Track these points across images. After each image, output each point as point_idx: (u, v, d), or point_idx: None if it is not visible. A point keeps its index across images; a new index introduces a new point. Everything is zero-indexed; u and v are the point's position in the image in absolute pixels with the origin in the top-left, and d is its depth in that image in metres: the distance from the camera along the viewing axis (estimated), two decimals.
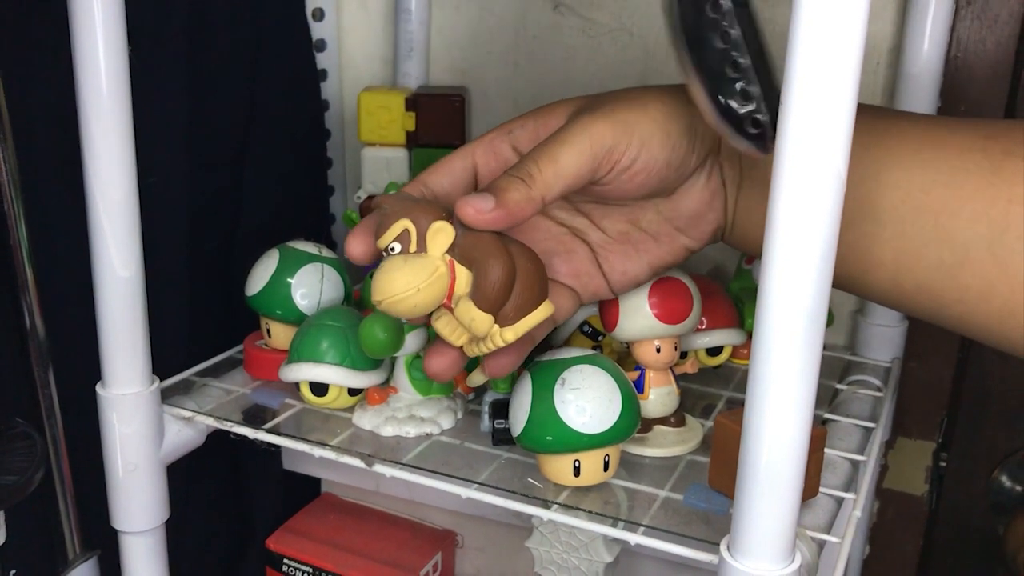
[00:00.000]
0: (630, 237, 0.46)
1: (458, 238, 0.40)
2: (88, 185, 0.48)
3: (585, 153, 0.40)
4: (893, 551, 0.76)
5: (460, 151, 0.45)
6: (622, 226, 0.46)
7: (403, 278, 0.39)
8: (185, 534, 0.64)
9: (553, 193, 0.40)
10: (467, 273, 0.40)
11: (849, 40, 0.30)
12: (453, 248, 0.40)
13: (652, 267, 0.47)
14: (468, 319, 0.40)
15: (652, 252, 0.46)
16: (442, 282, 0.39)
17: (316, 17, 0.77)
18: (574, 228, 0.47)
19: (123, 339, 0.51)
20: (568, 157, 0.40)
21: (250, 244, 0.64)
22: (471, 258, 0.40)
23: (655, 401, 0.51)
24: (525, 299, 0.40)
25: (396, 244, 0.39)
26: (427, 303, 0.40)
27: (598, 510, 0.46)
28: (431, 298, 0.39)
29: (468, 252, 0.40)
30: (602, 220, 0.46)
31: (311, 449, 0.52)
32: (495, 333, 0.40)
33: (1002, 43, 0.64)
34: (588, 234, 0.47)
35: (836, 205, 0.32)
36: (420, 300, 0.39)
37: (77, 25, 0.45)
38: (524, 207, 0.39)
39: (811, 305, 0.33)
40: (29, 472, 0.51)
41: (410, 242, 0.39)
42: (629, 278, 0.47)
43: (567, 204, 0.47)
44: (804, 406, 0.34)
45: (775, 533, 0.36)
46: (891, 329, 0.68)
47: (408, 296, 0.39)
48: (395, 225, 0.39)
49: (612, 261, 0.46)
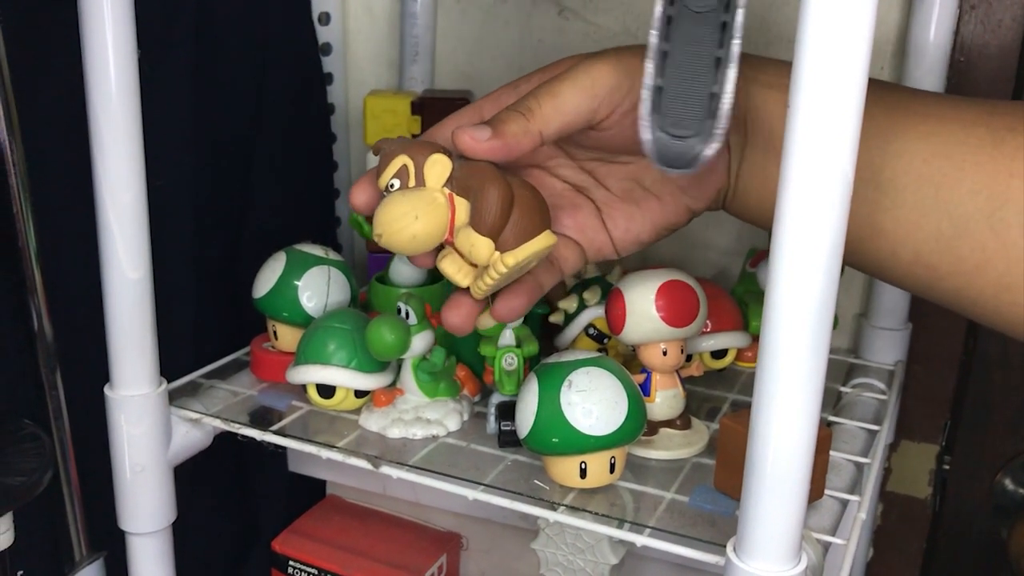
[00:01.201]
0: (633, 195, 0.47)
1: (456, 171, 0.40)
2: (97, 188, 0.49)
3: (586, 91, 0.41)
4: (897, 554, 0.76)
5: (468, 107, 0.46)
6: (626, 184, 0.46)
7: (400, 208, 0.39)
8: (191, 536, 0.64)
9: (551, 128, 0.41)
10: (466, 204, 0.40)
11: (856, 44, 0.30)
12: (451, 181, 0.40)
13: (655, 226, 0.47)
14: (468, 246, 0.40)
15: (655, 211, 0.46)
16: (440, 211, 0.40)
17: (322, 21, 0.77)
18: (579, 185, 0.47)
19: (131, 341, 0.51)
20: (569, 94, 0.41)
21: (257, 247, 0.64)
22: (469, 187, 0.40)
23: (661, 404, 0.51)
24: (524, 225, 0.40)
25: (395, 180, 0.40)
26: (427, 233, 0.40)
27: (604, 512, 0.46)
28: (430, 227, 0.40)
29: (466, 182, 0.40)
30: (606, 178, 0.47)
31: (318, 451, 0.52)
32: (496, 260, 0.40)
33: (1005, 47, 0.65)
34: (592, 192, 0.47)
35: (843, 208, 0.32)
36: (419, 229, 0.39)
37: (87, 29, 0.46)
38: (521, 139, 0.40)
39: (818, 308, 0.33)
40: (37, 473, 0.51)
41: (408, 177, 0.40)
42: (632, 236, 0.47)
43: (572, 162, 0.47)
44: (810, 408, 0.34)
45: (781, 534, 0.36)
46: (895, 332, 0.68)
47: (407, 225, 0.39)
48: (394, 162, 0.40)
49: (616, 219, 0.47)
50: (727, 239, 0.73)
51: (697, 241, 0.74)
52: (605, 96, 0.41)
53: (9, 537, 0.53)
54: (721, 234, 0.73)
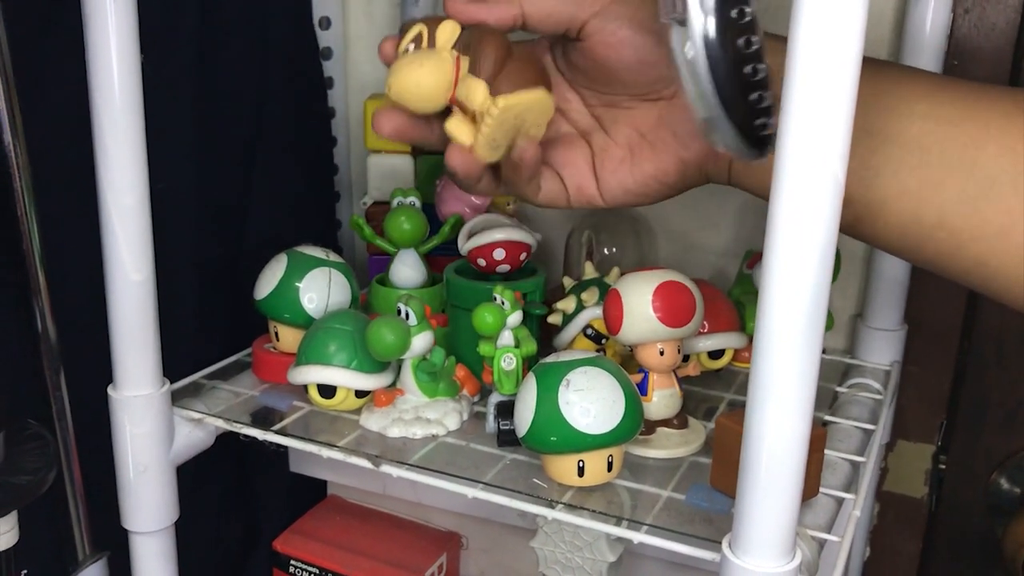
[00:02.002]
0: (629, 142, 0.48)
1: (463, 36, 0.44)
2: (101, 190, 0.49)
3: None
4: (893, 553, 0.77)
5: None
6: (627, 131, 0.48)
7: (408, 64, 0.43)
8: (193, 535, 0.65)
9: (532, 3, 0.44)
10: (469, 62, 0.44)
11: (847, 47, 0.30)
12: (459, 44, 0.44)
13: (644, 175, 0.47)
14: (465, 91, 0.43)
15: (647, 158, 0.47)
16: (444, 64, 0.44)
17: (323, 26, 0.78)
18: (583, 129, 0.49)
19: (135, 342, 0.52)
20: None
21: (258, 249, 0.65)
22: (470, 44, 0.44)
23: (658, 403, 0.52)
24: (518, 78, 0.43)
25: (411, 45, 0.44)
26: (430, 86, 0.43)
27: (602, 509, 0.46)
28: (434, 75, 0.43)
29: (469, 40, 0.44)
30: (611, 125, 0.48)
31: (319, 450, 0.52)
32: (489, 104, 0.43)
33: (999, 50, 0.65)
34: (593, 136, 0.48)
35: (834, 210, 0.32)
36: (423, 75, 0.43)
37: (91, 34, 0.46)
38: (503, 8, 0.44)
39: (810, 307, 0.33)
40: (42, 472, 0.52)
41: (422, 41, 0.44)
42: (618, 180, 0.48)
43: (584, 107, 0.49)
44: (803, 406, 0.35)
45: (776, 531, 0.37)
46: (890, 333, 0.68)
47: (412, 71, 0.43)
48: (412, 30, 0.45)
49: (606, 163, 0.48)
50: (724, 241, 0.74)
51: (694, 243, 0.75)
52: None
53: (13, 536, 0.53)
54: (718, 236, 0.74)
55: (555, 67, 0.48)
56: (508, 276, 0.61)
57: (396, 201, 0.65)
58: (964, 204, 0.40)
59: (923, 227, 0.41)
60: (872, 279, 0.69)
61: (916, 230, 0.42)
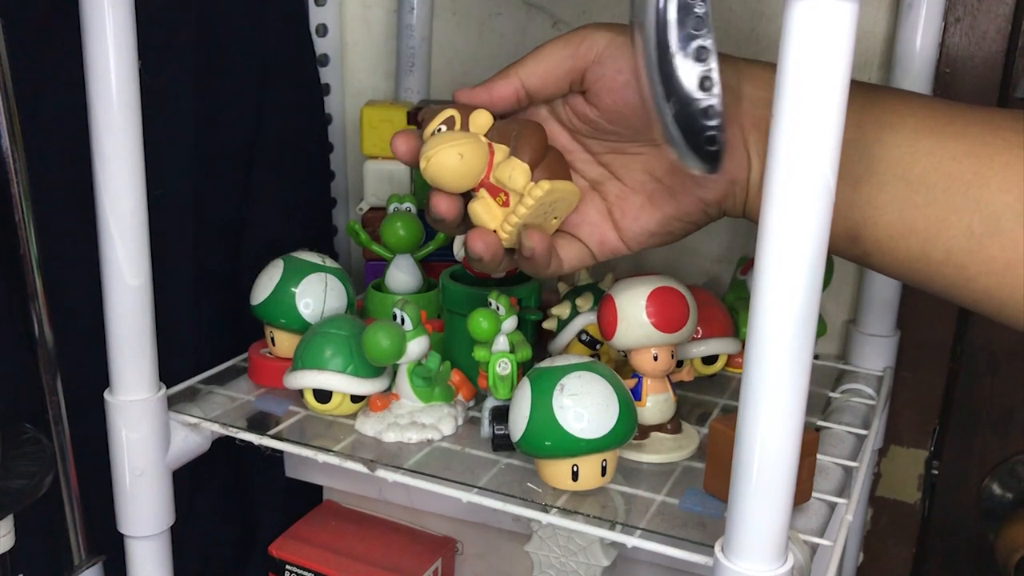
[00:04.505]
0: (646, 187, 0.47)
1: (496, 125, 0.45)
2: (98, 196, 0.50)
3: (562, 43, 0.45)
4: (886, 558, 0.77)
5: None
6: (640, 176, 0.47)
7: (446, 140, 0.43)
8: (189, 540, 0.65)
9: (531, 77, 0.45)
10: (504, 149, 0.45)
11: (837, 56, 0.31)
12: (491, 132, 0.45)
13: (666, 217, 0.47)
14: (508, 172, 0.44)
15: (667, 203, 0.47)
16: (482, 147, 0.44)
17: (320, 33, 0.78)
18: (594, 180, 0.48)
19: (132, 347, 0.52)
20: (546, 48, 0.45)
21: (255, 254, 0.65)
22: (508, 133, 0.45)
23: (652, 408, 0.52)
24: (556, 168, 0.45)
25: (443, 126, 0.45)
26: (468, 166, 0.44)
27: (596, 514, 0.47)
28: (472, 157, 0.44)
29: (505, 129, 0.45)
30: (621, 171, 0.48)
31: (315, 454, 0.53)
32: (531, 187, 0.43)
33: (990, 58, 0.66)
34: (606, 186, 0.48)
35: (825, 217, 0.33)
36: (465, 151, 0.44)
37: (89, 41, 0.47)
38: (500, 85, 0.45)
39: (801, 312, 0.34)
40: (38, 476, 0.52)
41: (455, 124, 0.45)
42: (641, 226, 0.47)
43: (590, 156, 0.48)
44: (795, 410, 0.35)
45: (768, 535, 0.37)
46: (883, 339, 0.69)
47: (451, 152, 0.43)
48: (441, 113, 0.45)
49: (626, 210, 0.48)
50: (718, 247, 0.74)
51: (688, 249, 0.75)
52: (580, 43, 0.44)
53: (10, 540, 0.53)
54: (712, 242, 0.74)
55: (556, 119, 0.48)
56: (503, 282, 0.61)
57: (392, 207, 0.66)
58: (970, 241, 0.40)
59: (931, 263, 0.42)
60: (865, 285, 0.69)
61: (924, 265, 0.42)
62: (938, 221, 0.41)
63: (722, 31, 0.70)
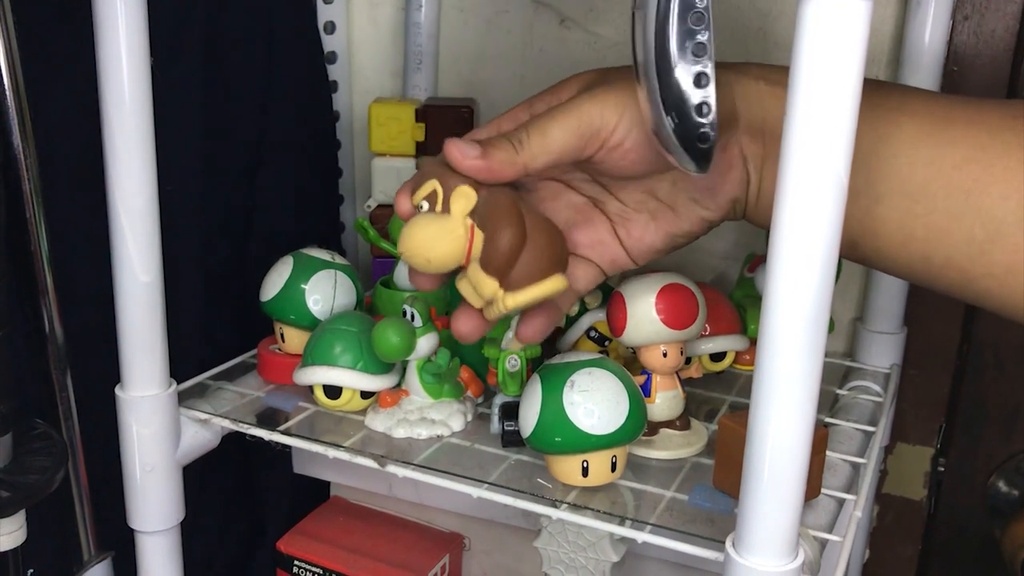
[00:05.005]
0: (647, 207, 0.47)
1: (480, 202, 0.42)
2: (110, 193, 0.50)
3: (572, 131, 0.43)
4: (893, 555, 0.77)
5: (488, 124, 0.48)
6: (638, 196, 0.47)
7: (421, 233, 0.42)
8: (197, 535, 0.65)
9: (537, 163, 0.43)
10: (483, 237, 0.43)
11: (851, 55, 0.31)
12: (475, 212, 0.43)
13: (669, 235, 0.47)
14: (475, 280, 0.43)
15: (670, 222, 0.47)
16: (458, 243, 0.42)
17: (327, 30, 0.79)
18: (594, 198, 0.48)
19: (142, 343, 0.53)
20: (556, 132, 0.43)
21: (264, 251, 0.65)
22: (486, 222, 0.42)
23: (661, 405, 0.52)
24: (532, 269, 0.42)
25: (425, 203, 0.43)
26: (441, 259, 0.42)
27: (606, 509, 0.47)
28: (445, 255, 0.42)
29: (485, 214, 0.42)
30: (619, 191, 0.48)
31: (324, 450, 0.53)
32: (499, 299, 0.42)
33: (998, 57, 0.66)
34: (607, 204, 0.48)
35: (837, 215, 0.33)
36: (434, 256, 0.42)
37: (101, 37, 0.47)
38: (505, 167, 0.42)
39: (813, 311, 0.34)
40: (50, 471, 0.52)
41: (436, 202, 0.43)
42: (646, 245, 0.48)
43: (585, 175, 0.48)
44: (806, 408, 0.35)
45: (778, 531, 0.37)
46: (890, 336, 0.69)
47: (425, 250, 0.42)
48: (425, 185, 0.43)
49: (630, 230, 0.48)
50: (725, 244, 0.74)
51: (696, 246, 0.74)
52: (591, 136, 0.43)
53: (21, 535, 0.53)
54: (719, 240, 0.74)
55: None
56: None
57: None
58: (972, 247, 0.40)
59: (933, 267, 0.42)
60: (872, 283, 0.69)
61: (925, 269, 0.42)
62: (939, 229, 0.41)
63: (728, 30, 0.70)
